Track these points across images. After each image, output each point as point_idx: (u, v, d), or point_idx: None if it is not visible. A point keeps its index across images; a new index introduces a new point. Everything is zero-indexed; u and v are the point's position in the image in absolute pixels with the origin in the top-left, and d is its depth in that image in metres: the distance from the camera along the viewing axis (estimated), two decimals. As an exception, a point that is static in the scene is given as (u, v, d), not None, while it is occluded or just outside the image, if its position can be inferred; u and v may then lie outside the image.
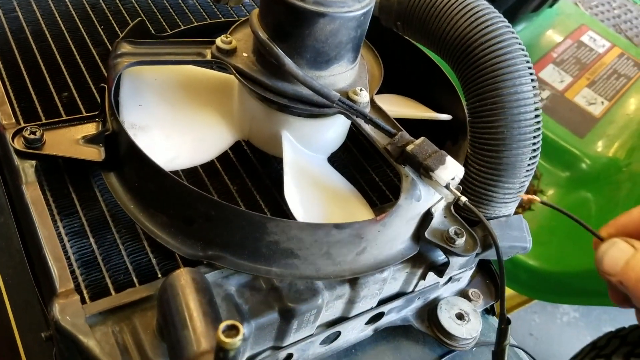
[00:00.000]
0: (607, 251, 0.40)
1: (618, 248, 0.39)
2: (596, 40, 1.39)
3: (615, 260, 0.39)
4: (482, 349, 0.59)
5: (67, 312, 0.40)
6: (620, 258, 0.39)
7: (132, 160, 0.47)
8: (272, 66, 0.48)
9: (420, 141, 0.47)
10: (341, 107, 0.48)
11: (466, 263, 0.53)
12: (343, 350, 0.56)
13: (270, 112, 0.51)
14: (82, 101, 0.57)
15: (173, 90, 0.55)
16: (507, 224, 0.52)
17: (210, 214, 0.43)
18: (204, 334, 0.36)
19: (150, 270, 0.46)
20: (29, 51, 0.61)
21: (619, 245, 0.39)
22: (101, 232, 0.47)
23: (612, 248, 0.40)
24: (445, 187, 0.46)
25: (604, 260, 0.40)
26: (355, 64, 0.51)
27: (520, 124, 0.48)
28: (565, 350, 1.41)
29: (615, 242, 0.40)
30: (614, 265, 0.39)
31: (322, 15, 0.45)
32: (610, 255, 0.39)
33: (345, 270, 0.46)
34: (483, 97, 0.49)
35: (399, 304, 0.55)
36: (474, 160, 0.50)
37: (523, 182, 0.50)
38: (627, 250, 0.39)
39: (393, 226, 0.46)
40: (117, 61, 0.50)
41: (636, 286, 0.37)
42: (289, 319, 0.46)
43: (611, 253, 0.39)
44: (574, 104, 1.26)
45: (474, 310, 0.57)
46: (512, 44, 0.49)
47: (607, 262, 0.39)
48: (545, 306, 1.59)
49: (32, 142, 0.48)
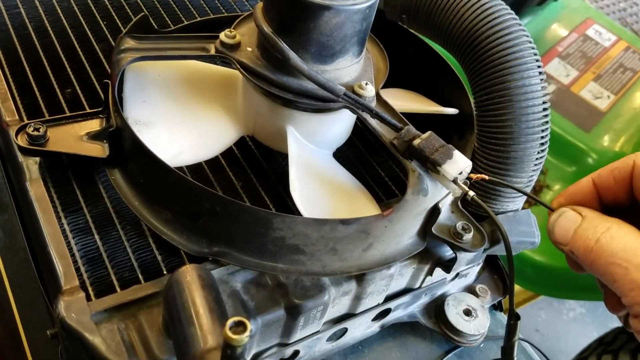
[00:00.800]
0: (557, 221, 0.40)
1: (566, 217, 0.39)
2: (602, 34, 1.38)
3: (565, 230, 0.39)
4: (490, 344, 0.58)
5: (72, 310, 0.40)
6: (569, 227, 0.39)
7: (136, 157, 0.47)
8: (277, 60, 0.47)
9: (427, 135, 0.47)
10: (347, 102, 0.48)
11: (474, 259, 0.52)
12: (350, 347, 0.56)
13: (274, 107, 0.51)
14: (85, 97, 0.56)
15: (177, 86, 0.54)
16: (515, 219, 0.51)
17: (216, 210, 0.43)
18: (210, 330, 0.36)
19: (155, 267, 0.45)
20: (32, 47, 0.61)
21: (567, 214, 0.39)
22: (106, 229, 0.47)
23: (560, 217, 0.40)
24: (453, 181, 0.45)
25: (554, 230, 0.40)
26: (360, 58, 0.50)
27: (528, 118, 0.47)
28: (572, 346, 1.41)
29: (563, 212, 0.40)
30: (565, 234, 0.39)
31: (327, 8, 0.44)
32: (559, 225, 0.39)
33: (352, 266, 0.46)
34: (490, 90, 0.48)
35: (406, 300, 0.55)
36: (482, 155, 0.50)
37: (531, 176, 0.50)
38: (575, 218, 0.39)
39: (400, 221, 0.46)
40: (121, 56, 0.49)
41: (584, 254, 0.37)
42: (296, 316, 0.45)
43: (560, 222, 0.39)
44: (579, 98, 1.25)
45: (481, 306, 0.57)
46: (520, 37, 0.48)
47: (557, 232, 0.39)
48: (551, 302, 1.59)
49: (36, 138, 0.48)
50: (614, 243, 0.36)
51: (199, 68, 0.56)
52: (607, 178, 0.40)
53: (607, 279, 0.37)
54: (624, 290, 0.36)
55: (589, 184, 0.41)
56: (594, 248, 0.37)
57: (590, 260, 0.37)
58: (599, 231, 0.37)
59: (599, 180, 0.41)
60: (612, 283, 0.36)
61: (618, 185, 0.40)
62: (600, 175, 0.41)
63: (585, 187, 0.41)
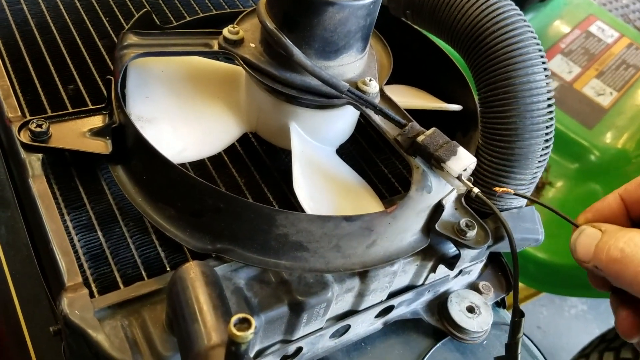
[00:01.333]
0: (578, 239, 0.40)
1: (586, 234, 0.39)
2: (605, 31, 1.38)
3: (587, 247, 0.39)
4: (493, 342, 0.58)
5: (75, 306, 0.40)
6: (590, 244, 0.38)
7: (139, 153, 0.47)
8: (280, 56, 0.47)
9: (431, 132, 0.47)
10: (350, 98, 0.48)
11: (477, 255, 0.52)
12: (352, 344, 0.56)
13: (278, 103, 0.51)
14: (88, 93, 0.56)
15: (180, 82, 0.54)
16: (519, 216, 0.51)
17: (219, 207, 0.43)
18: (214, 327, 0.36)
19: (158, 264, 0.45)
20: (34, 43, 0.61)
21: (587, 231, 0.39)
22: (109, 226, 0.47)
23: (581, 235, 0.39)
24: (457, 178, 0.45)
25: (576, 249, 0.40)
26: (364, 54, 0.50)
27: (532, 114, 0.47)
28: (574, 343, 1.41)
29: (583, 229, 0.40)
30: (587, 252, 0.39)
31: (331, 4, 0.44)
32: (580, 242, 0.39)
33: (355, 263, 0.46)
34: (495, 86, 0.48)
35: (409, 297, 0.55)
36: (486, 151, 0.50)
37: (535, 173, 0.50)
38: (595, 235, 0.39)
39: (403, 218, 0.46)
40: (124, 53, 0.49)
41: (607, 266, 0.37)
42: (299, 313, 0.45)
43: (581, 240, 0.39)
44: (582, 95, 1.24)
45: (484, 303, 0.57)
46: (525, 32, 0.48)
47: (579, 250, 0.39)
48: (553, 299, 1.59)
49: (39, 135, 0.48)
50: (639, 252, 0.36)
51: (202, 64, 0.56)
52: (635, 192, 0.40)
53: (636, 289, 0.36)
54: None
55: (617, 199, 0.41)
56: (619, 258, 0.36)
57: (615, 271, 0.36)
58: (621, 241, 0.36)
59: (626, 194, 0.40)
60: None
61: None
62: (627, 189, 0.40)
63: (613, 202, 0.41)
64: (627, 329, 0.40)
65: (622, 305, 0.40)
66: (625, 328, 0.40)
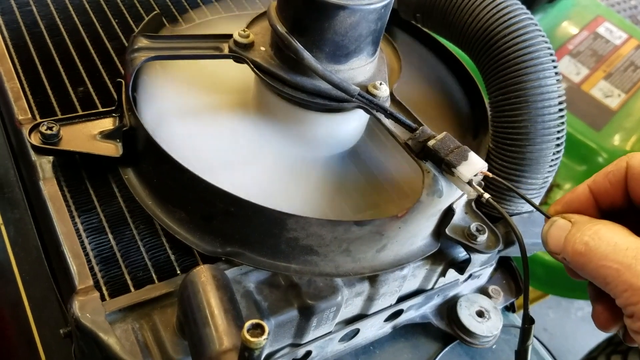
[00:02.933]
0: (549, 231, 0.39)
1: (557, 226, 0.39)
2: (613, 32, 1.37)
3: (557, 239, 0.38)
4: (503, 346, 0.58)
5: (87, 309, 0.40)
6: (560, 236, 0.38)
7: (150, 156, 0.47)
8: (291, 60, 0.47)
9: (442, 136, 0.46)
10: (361, 102, 0.47)
11: (487, 260, 0.52)
12: (361, 348, 0.56)
13: (288, 107, 0.50)
14: (97, 96, 0.56)
15: (191, 86, 0.54)
16: (530, 220, 0.51)
17: (230, 210, 0.43)
18: (225, 332, 0.36)
19: (169, 267, 0.45)
20: (44, 45, 0.61)
21: (558, 223, 0.39)
22: (119, 228, 0.47)
23: (552, 227, 0.39)
24: (468, 183, 0.45)
25: (547, 240, 0.39)
26: (374, 58, 0.50)
27: (544, 118, 0.47)
28: (580, 346, 1.40)
29: (554, 221, 0.39)
30: (557, 243, 0.38)
31: (342, 7, 0.44)
32: (551, 234, 0.39)
33: (365, 267, 0.46)
34: (506, 90, 0.48)
35: (418, 301, 0.55)
36: (496, 155, 0.50)
37: (546, 177, 0.49)
38: (565, 226, 0.38)
39: (414, 223, 0.46)
40: (134, 56, 0.49)
41: (573, 259, 0.37)
42: (309, 316, 0.45)
43: (552, 232, 0.39)
44: (590, 97, 1.24)
45: (494, 308, 0.57)
46: (536, 36, 0.48)
47: (550, 242, 0.39)
48: (560, 301, 1.58)
49: (49, 137, 0.48)
50: (602, 245, 0.35)
51: (213, 67, 0.56)
52: (602, 183, 0.40)
53: (600, 282, 0.36)
54: (617, 292, 0.35)
55: (585, 191, 0.40)
56: (584, 251, 0.36)
57: (581, 264, 0.36)
58: (586, 234, 0.36)
59: (594, 185, 0.40)
60: (605, 286, 0.36)
61: (614, 189, 0.39)
62: (595, 180, 0.40)
63: (582, 194, 0.40)
64: (603, 321, 0.40)
65: (597, 297, 0.40)
66: (601, 321, 0.40)
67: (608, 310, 0.39)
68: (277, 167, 0.53)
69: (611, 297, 0.36)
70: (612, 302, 0.36)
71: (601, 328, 0.40)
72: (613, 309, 0.38)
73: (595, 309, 0.40)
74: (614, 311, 0.38)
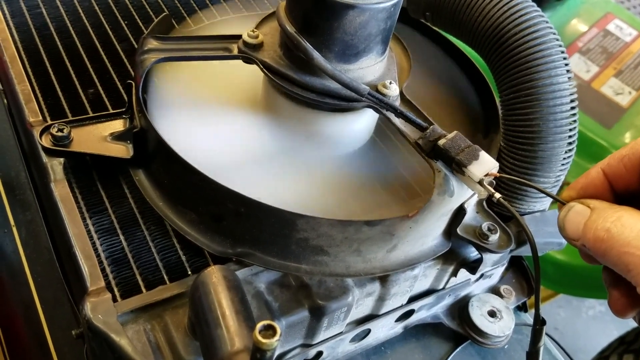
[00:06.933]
0: (566, 216, 0.38)
1: (575, 211, 0.38)
2: (623, 29, 1.36)
3: (576, 224, 0.38)
4: (515, 346, 0.58)
5: (98, 311, 0.40)
6: (579, 222, 0.37)
7: (160, 157, 0.47)
8: (300, 60, 0.47)
9: (452, 135, 0.46)
10: (371, 101, 0.47)
11: (499, 259, 0.52)
12: (372, 348, 0.56)
13: (297, 107, 0.50)
14: (108, 97, 0.56)
15: (200, 87, 0.54)
16: (542, 220, 0.50)
17: (240, 211, 0.43)
18: (237, 332, 0.36)
19: (180, 268, 0.45)
20: (54, 47, 0.61)
21: (576, 208, 0.38)
22: (130, 230, 0.47)
23: (570, 212, 0.38)
24: (479, 183, 0.44)
25: (565, 226, 0.38)
26: (384, 57, 0.50)
27: (556, 117, 0.46)
28: (592, 345, 1.39)
29: (571, 206, 0.38)
30: (576, 229, 0.38)
31: (351, 7, 0.44)
32: (569, 220, 0.38)
33: (376, 267, 0.45)
34: (517, 89, 0.47)
35: (430, 301, 0.54)
36: (508, 154, 0.49)
37: (558, 176, 0.49)
38: (584, 212, 0.37)
39: (425, 222, 0.45)
40: (144, 57, 0.49)
41: (594, 246, 0.36)
42: (319, 317, 0.45)
43: (569, 217, 0.38)
44: (600, 95, 1.23)
45: (506, 307, 0.56)
46: (547, 34, 0.47)
47: (568, 227, 0.38)
48: (570, 300, 1.57)
49: (60, 139, 0.48)
50: (625, 231, 0.35)
51: (222, 68, 0.56)
52: (617, 166, 0.39)
53: (621, 269, 0.35)
54: (638, 279, 0.35)
55: (599, 175, 0.39)
56: (605, 238, 0.35)
57: (602, 251, 0.36)
58: (609, 220, 0.36)
59: (609, 169, 0.39)
60: (627, 273, 0.35)
61: (629, 173, 0.38)
62: (609, 164, 0.39)
63: (596, 178, 0.39)
64: (619, 307, 0.39)
65: (614, 283, 0.39)
66: (617, 307, 0.39)
67: (625, 296, 0.38)
68: (287, 167, 0.53)
69: (628, 282, 0.35)
70: (630, 288, 0.36)
71: (617, 314, 0.40)
72: (630, 295, 0.38)
73: (611, 295, 0.40)
74: (631, 297, 0.38)
